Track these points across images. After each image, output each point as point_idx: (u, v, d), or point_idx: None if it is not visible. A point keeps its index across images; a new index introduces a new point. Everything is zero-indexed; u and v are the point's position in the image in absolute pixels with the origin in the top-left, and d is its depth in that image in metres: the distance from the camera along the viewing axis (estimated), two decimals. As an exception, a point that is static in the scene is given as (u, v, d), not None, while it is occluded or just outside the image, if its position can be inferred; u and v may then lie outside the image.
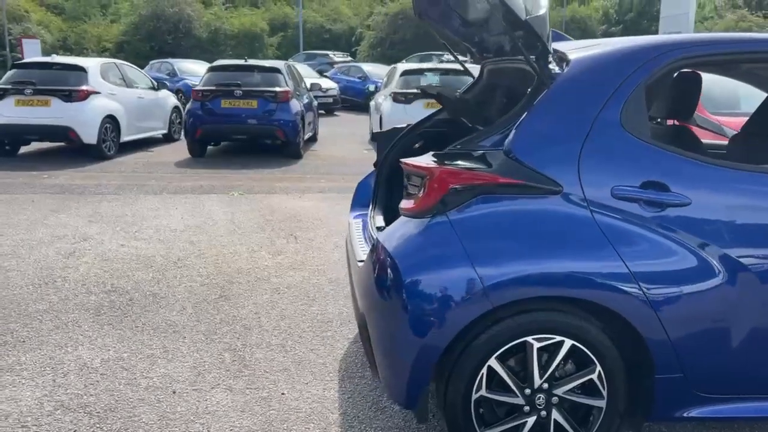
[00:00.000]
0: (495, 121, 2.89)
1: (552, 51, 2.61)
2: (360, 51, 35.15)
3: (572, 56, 2.57)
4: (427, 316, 2.33)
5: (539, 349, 2.37)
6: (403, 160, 2.62)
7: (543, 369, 2.39)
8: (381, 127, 11.18)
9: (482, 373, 2.37)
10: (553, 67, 2.59)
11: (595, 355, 2.39)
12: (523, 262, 2.31)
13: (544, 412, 2.42)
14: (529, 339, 2.36)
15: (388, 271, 2.44)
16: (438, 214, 2.39)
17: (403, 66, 12.23)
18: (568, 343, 2.37)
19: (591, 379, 2.41)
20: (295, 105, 10.65)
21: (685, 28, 25.63)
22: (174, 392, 3.18)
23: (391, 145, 3.73)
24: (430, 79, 11.36)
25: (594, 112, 2.42)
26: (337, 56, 27.51)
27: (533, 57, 2.58)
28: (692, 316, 2.35)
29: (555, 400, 2.42)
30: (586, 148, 2.39)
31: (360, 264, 2.86)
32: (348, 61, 25.00)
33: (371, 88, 14.83)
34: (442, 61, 22.12)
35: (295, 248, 5.67)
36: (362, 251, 3.03)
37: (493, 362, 2.37)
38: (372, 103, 13.22)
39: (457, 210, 2.38)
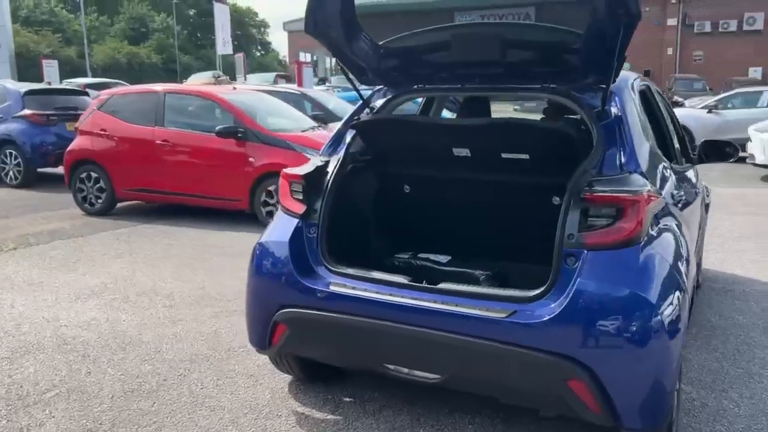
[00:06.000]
0: None
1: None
2: None
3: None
4: (680, 339, 2.49)
5: None
6: (592, 194, 2.49)
7: None
8: None
9: None
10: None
11: None
12: (688, 264, 2.77)
13: None
14: None
15: (637, 312, 2.39)
16: (647, 240, 2.51)
17: None
18: None
19: None
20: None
21: (4, 38, 24.23)
22: None
23: (326, 188, 3.05)
24: None
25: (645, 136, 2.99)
26: None
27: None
28: None
29: None
30: (649, 166, 2.92)
31: (479, 316, 2.52)
32: None
33: None
34: None
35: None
36: (452, 307, 2.60)
37: None
38: None
39: (652, 232, 2.57)
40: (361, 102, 3.45)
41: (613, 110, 2.89)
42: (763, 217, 7.96)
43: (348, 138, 3.30)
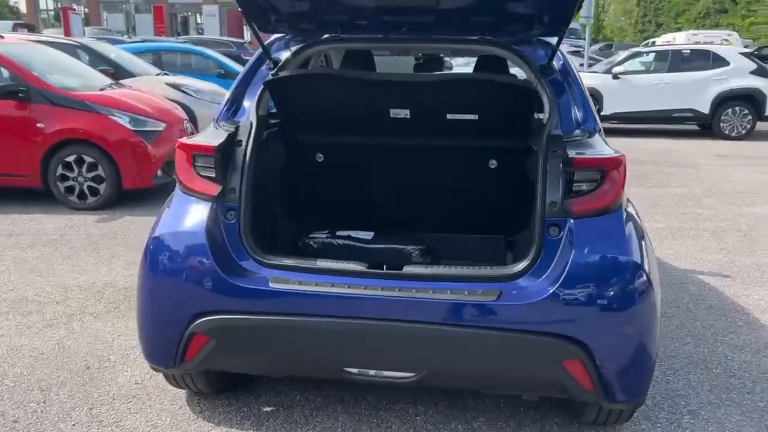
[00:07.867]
0: None
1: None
2: None
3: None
4: (660, 300, 2.40)
5: None
6: (579, 156, 2.24)
7: None
8: None
9: None
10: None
11: None
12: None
13: None
14: None
15: (631, 279, 2.25)
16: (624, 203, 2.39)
17: None
18: None
19: None
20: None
21: None
22: None
23: (244, 163, 2.42)
24: None
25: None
26: None
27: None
28: None
29: None
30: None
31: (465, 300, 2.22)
32: None
33: None
34: None
35: None
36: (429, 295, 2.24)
37: None
38: None
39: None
40: (258, 54, 2.84)
41: (557, 65, 2.70)
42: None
43: (252, 100, 2.69)
